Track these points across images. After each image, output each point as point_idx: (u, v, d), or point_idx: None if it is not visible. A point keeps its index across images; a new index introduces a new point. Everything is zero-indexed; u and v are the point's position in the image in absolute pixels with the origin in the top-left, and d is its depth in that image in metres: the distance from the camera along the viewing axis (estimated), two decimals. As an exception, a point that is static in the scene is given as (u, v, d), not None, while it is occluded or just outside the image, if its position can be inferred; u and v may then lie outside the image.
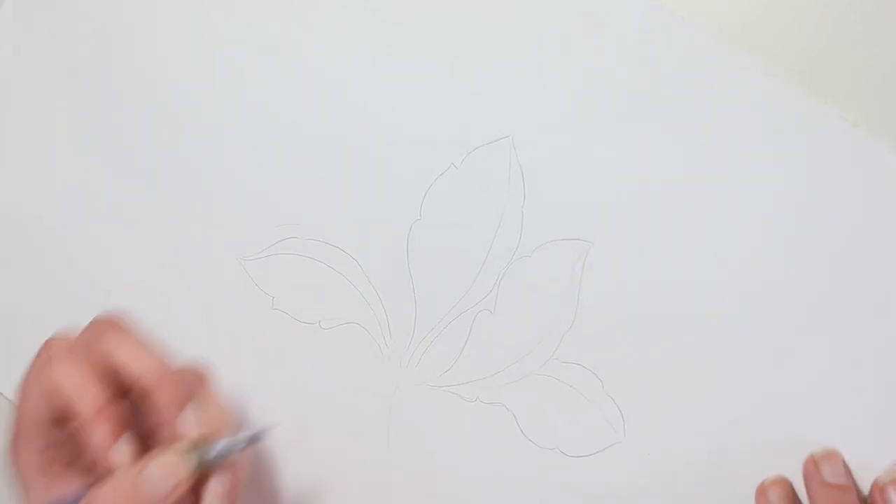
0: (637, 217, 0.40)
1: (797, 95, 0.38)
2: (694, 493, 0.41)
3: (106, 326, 0.40)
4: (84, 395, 0.37)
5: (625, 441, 0.41)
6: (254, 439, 0.38)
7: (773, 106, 0.38)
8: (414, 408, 0.45)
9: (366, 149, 0.43)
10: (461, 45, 0.42)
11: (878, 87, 0.38)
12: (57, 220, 0.48)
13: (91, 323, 0.40)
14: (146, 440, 0.39)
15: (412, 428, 0.45)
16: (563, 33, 0.40)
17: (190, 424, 0.38)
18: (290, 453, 0.47)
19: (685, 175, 0.39)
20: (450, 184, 0.43)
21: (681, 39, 0.39)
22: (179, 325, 0.46)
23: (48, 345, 0.39)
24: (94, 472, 0.39)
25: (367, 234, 0.44)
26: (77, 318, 0.40)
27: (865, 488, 0.38)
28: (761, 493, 0.39)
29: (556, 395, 0.42)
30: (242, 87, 0.45)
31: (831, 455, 0.38)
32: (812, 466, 0.38)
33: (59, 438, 0.38)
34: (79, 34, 0.48)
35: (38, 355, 0.39)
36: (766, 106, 0.38)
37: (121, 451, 0.37)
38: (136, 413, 0.39)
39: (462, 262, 0.43)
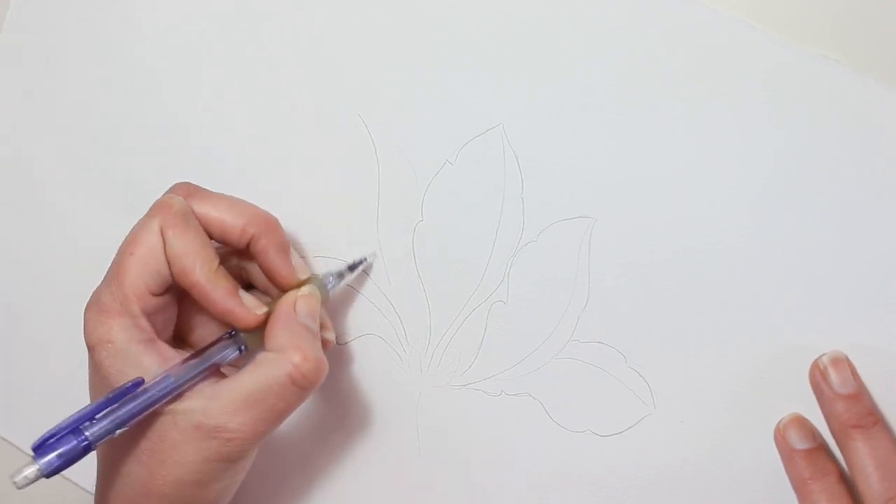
0: (636, 187, 0.40)
1: (782, 44, 0.38)
2: (731, 454, 0.40)
3: (188, 192, 0.41)
4: (204, 258, 0.39)
5: (655, 412, 0.41)
6: (353, 268, 0.43)
7: (760, 58, 0.38)
8: (441, 411, 0.44)
9: (359, 157, 0.44)
10: (439, 39, 0.42)
11: (857, 25, 0.38)
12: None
13: (174, 189, 0.41)
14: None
15: (442, 431, 0.45)
16: (543, 13, 0.41)
17: (301, 265, 0.42)
18: (324, 472, 0.47)
19: (681, 138, 0.39)
20: (447, 181, 0.43)
21: (659, 4, 0.39)
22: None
23: (155, 212, 0.39)
24: (188, 340, 0.42)
25: (371, 243, 0.44)
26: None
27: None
28: (780, 436, 0.39)
29: (581, 376, 0.42)
30: (229, 102, 0.46)
31: (837, 360, 0.38)
32: (819, 376, 0.38)
33: (155, 306, 0.39)
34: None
35: (143, 226, 0.39)
36: (753, 57, 0.38)
37: (249, 301, 0.40)
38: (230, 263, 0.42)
39: (469, 256, 0.43)
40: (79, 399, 0.40)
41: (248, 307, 0.39)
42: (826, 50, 0.38)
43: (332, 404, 0.46)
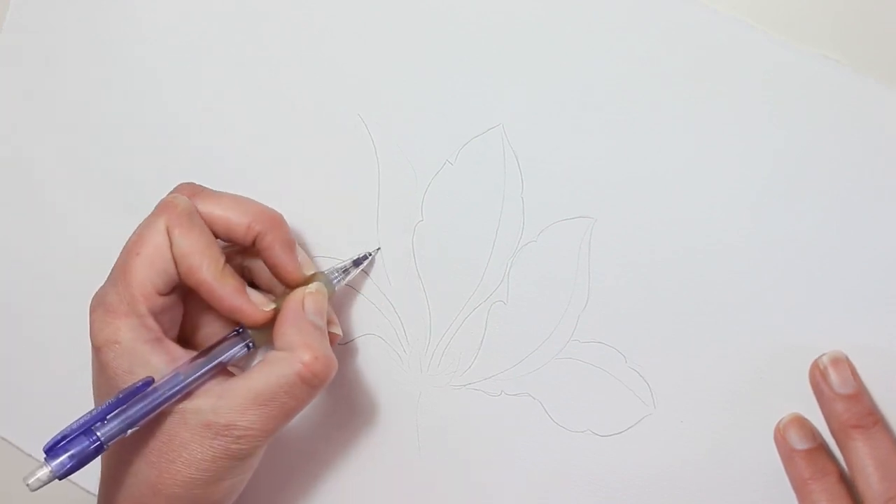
0: (636, 187, 0.40)
1: (782, 44, 0.38)
2: (731, 454, 0.40)
3: (193, 191, 0.41)
4: (210, 257, 0.39)
5: (655, 412, 0.41)
6: (358, 263, 0.43)
7: (760, 58, 0.38)
8: (441, 411, 0.44)
9: (359, 157, 0.44)
10: (439, 39, 0.42)
11: (857, 25, 0.38)
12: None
13: (179, 189, 0.41)
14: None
15: (442, 431, 0.45)
16: (543, 13, 0.41)
17: (306, 261, 0.42)
18: (324, 471, 0.47)
19: (681, 138, 0.39)
20: (447, 181, 0.43)
21: (659, 4, 0.39)
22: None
23: (161, 211, 0.39)
24: (192, 339, 0.42)
25: (371, 243, 0.44)
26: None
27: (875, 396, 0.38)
28: (780, 436, 0.39)
29: (581, 376, 0.42)
30: (229, 102, 0.46)
31: (837, 360, 0.38)
32: (819, 376, 0.38)
33: (162, 306, 0.39)
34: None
35: (148, 226, 0.39)
36: (753, 57, 0.38)
37: (257, 298, 0.40)
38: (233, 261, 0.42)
39: (469, 256, 0.43)
40: (79, 399, 0.40)
41: (256, 304, 0.40)
42: (826, 50, 0.38)
43: (332, 404, 0.46)
